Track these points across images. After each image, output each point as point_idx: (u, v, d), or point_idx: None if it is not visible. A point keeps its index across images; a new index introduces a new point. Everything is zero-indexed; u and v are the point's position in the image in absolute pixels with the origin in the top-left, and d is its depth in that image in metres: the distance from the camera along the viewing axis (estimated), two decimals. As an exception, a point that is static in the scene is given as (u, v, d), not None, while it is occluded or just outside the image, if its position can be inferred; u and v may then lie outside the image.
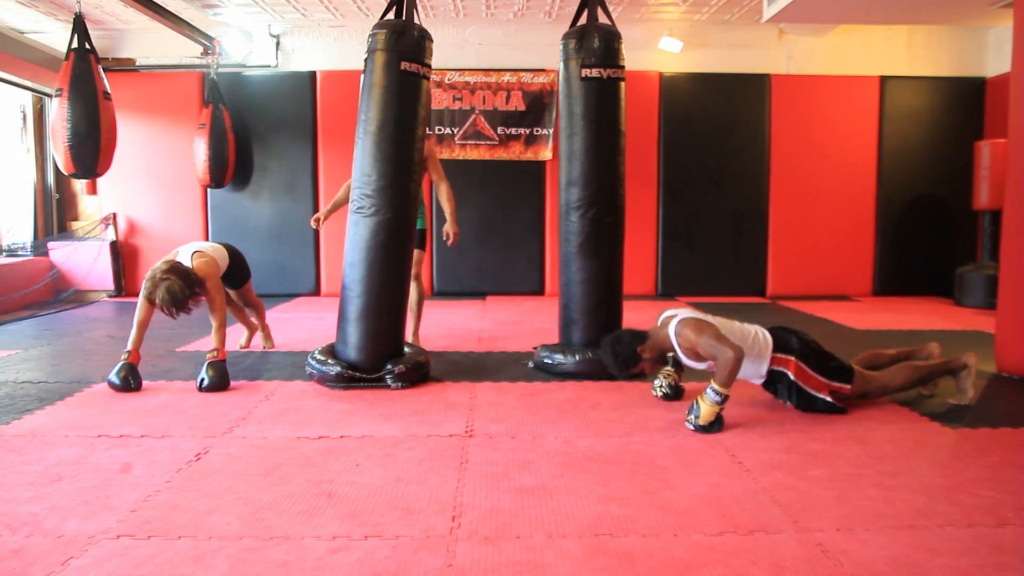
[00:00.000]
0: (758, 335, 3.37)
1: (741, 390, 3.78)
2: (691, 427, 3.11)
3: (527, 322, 5.98)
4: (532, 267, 7.70)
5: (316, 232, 7.48)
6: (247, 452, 2.84)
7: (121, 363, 3.79)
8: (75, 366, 4.35)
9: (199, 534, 2.14)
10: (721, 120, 7.58)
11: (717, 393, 3.08)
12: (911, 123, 7.66)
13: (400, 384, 3.79)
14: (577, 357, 4.06)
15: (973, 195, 7.11)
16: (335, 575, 1.92)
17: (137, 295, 4.46)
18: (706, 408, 3.08)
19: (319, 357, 3.89)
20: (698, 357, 3.29)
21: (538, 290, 7.70)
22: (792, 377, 3.33)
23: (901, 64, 7.74)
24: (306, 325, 5.84)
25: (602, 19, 4.22)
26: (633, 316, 5.17)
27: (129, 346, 3.83)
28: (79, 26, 5.47)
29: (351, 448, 2.89)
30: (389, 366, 3.80)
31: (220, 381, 3.76)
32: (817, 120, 7.55)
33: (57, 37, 7.19)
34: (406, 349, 4.03)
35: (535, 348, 4.34)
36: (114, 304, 7.10)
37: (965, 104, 7.64)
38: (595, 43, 4.11)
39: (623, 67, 4.20)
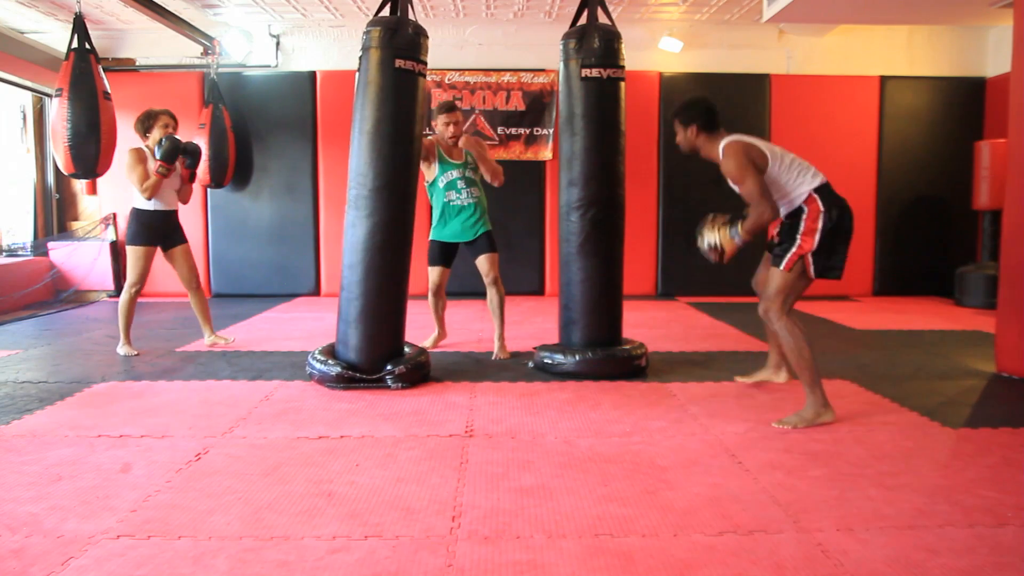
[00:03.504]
0: (809, 168, 3.27)
1: (742, 390, 3.78)
2: (702, 244, 3.27)
3: (527, 322, 5.98)
4: (532, 267, 7.70)
5: (316, 232, 7.51)
6: (247, 452, 2.84)
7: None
8: (75, 366, 4.35)
9: (199, 534, 2.14)
10: (721, 120, 7.56)
11: (740, 238, 3.15)
12: (911, 123, 7.66)
13: (400, 384, 3.79)
14: (577, 357, 4.06)
15: (973, 195, 7.12)
16: (335, 575, 1.92)
17: (137, 295, 4.54)
18: (726, 241, 3.18)
19: (319, 357, 3.89)
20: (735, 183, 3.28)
21: (538, 290, 7.70)
22: (804, 215, 3.21)
23: (901, 64, 7.74)
24: (306, 325, 5.84)
25: (602, 19, 4.22)
26: (633, 316, 5.18)
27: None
28: (79, 26, 5.47)
29: (351, 448, 2.89)
30: (389, 366, 3.80)
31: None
32: (817, 120, 7.55)
33: (57, 37, 7.19)
34: (406, 349, 4.03)
35: (535, 348, 4.34)
36: (114, 304, 7.09)
37: (965, 104, 7.64)
38: (595, 43, 4.11)
39: (623, 67, 4.20)
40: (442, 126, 4.47)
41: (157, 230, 4.57)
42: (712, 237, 3.26)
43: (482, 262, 4.55)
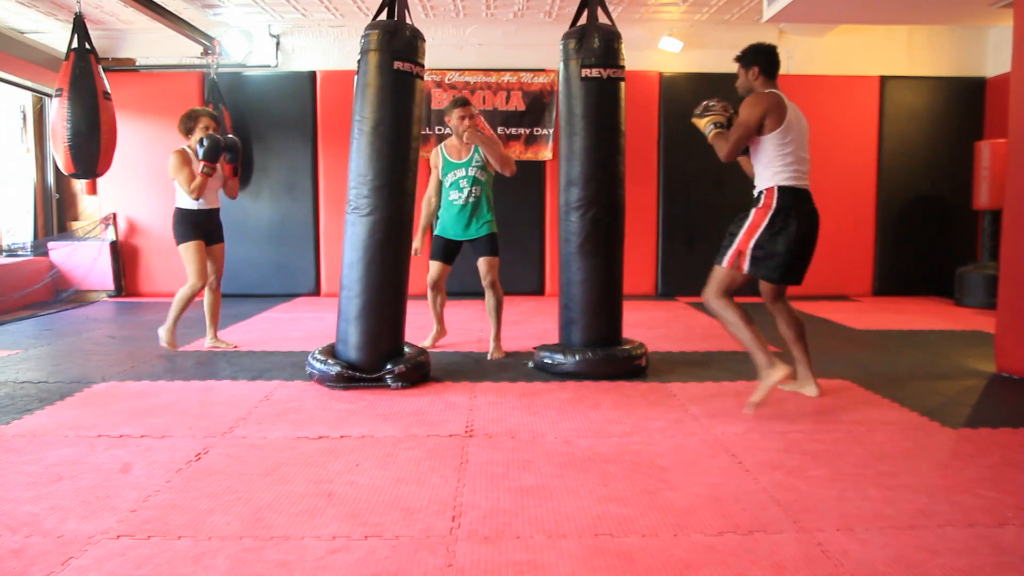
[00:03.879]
0: (793, 168, 3.34)
1: (741, 390, 3.78)
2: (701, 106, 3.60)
3: (527, 322, 5.98)
4: (532, 267, 7.70)
5: (316, 232, 7.52)
6: (247, 452, 2.84)
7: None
8: (75, 366, 4.35)
9: (199, 534, 2.14)
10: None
11: (708, 134, 3.54)
12: (911, 123, 7.66)
13: (400, 384, 3.79)
14: (577, 357, 4.06)
15: (973, 195, 7.12)
16: (335, 575, 1.92)
17: (137, 295, 4.53)
18: (705, 124, 3.57)
19: (319, 357, 3.89)
20: None
21: (538, 290, 7.70)
22: (758, 205, 3.38)
23: (901, 64, 7.74)
24: (306, 325, 5.84)
25: (602, 19, 4.22)
26: (633, 316, 5.18)
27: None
28: (79, 26, 5.48)
29: (351, 448, 2.89)
30: (389, 366, 3.80)
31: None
32: (817, 120, 7.44)
33: (57, 37, 7.18)
34: (406, 349, 4.03)
35: (535, 348, 4.34)
36: (114, 304, 7.10)
37: (965, 104, 7.64)
38: (595, 43, 4.12)
39: (623, 67, 4.21)
40: (456, 120, 4.51)
41: (203, 226, 4.62)
42: (700, 115, 3.61)
43: (481, 263, 4.59)
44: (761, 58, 3.45)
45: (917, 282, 7.72)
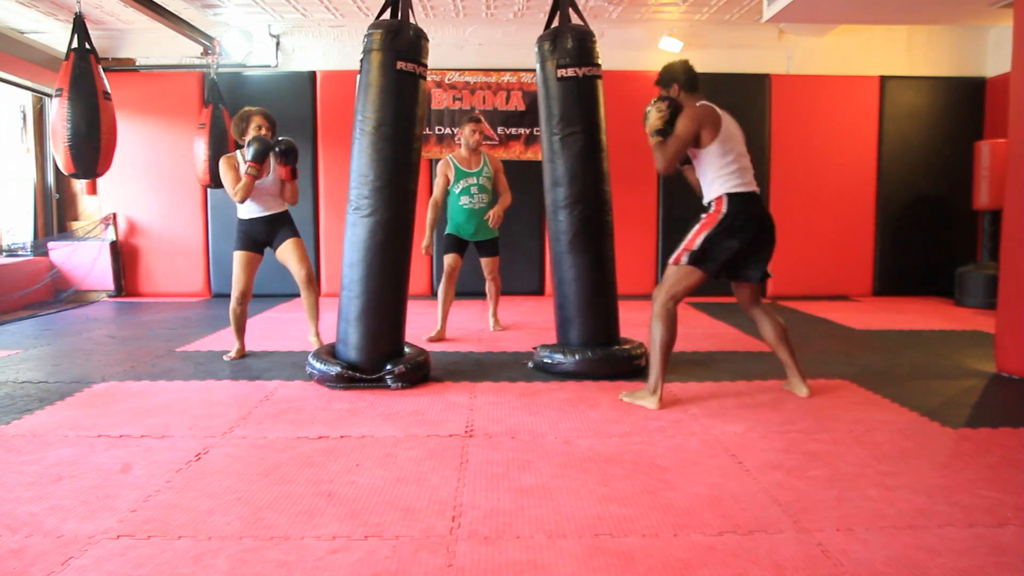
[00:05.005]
0: (739, 175, 3.40)
1: (741, 390, 3.78)
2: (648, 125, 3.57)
3: (527, 322, 5.98)
4: (532, 267, 7.70)
5: (316, 232, 7.52)
6: (247, 452, 2.84)
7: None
8: (75, 366, 4.36)
9: (199, 534, 2.14)
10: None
11: (653, 142, 3.50)
12: (911, 123, 7.66)
13: (400, 384, 3.79)
14: (576, 357, 4.06)
15: (973, 195, 7.11)
16: (335, 575, 1.92)
17: (137, 295, 4.51)
18: (650, 129, 3.54)
19: (319, 357, 3.89)
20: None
21: (538, 290, 7.70)
22: (707, 212, 3.42)
23: (901, 64, 7.74)
24: (306, 325, 5.82)
25: (575, 20, 4.23)
26: (633, 316, 5.18)
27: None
28: (79, 26, 5.47)
29: (351, 448, 2.89)
30: (389, 366, 3.80)
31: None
32: (817, 120, 7.55)
33: (57, 37, 7.19)
34: (406, 349, 4.03)
35: (535, 348, 4.34)
36: (114, 304, 7.10)
37: (965, 104, 7.64)
38: (568, 43, 4.13)
39: (599, 64, 4.22)
40: (468, 133, 5.14)
41: (256, 236, 4.52)
42: (651, 118, 3.60)
43: (486, 263, 5.33)
44: (678, 75, 3.59)
45: (917, 282, 7.72)
